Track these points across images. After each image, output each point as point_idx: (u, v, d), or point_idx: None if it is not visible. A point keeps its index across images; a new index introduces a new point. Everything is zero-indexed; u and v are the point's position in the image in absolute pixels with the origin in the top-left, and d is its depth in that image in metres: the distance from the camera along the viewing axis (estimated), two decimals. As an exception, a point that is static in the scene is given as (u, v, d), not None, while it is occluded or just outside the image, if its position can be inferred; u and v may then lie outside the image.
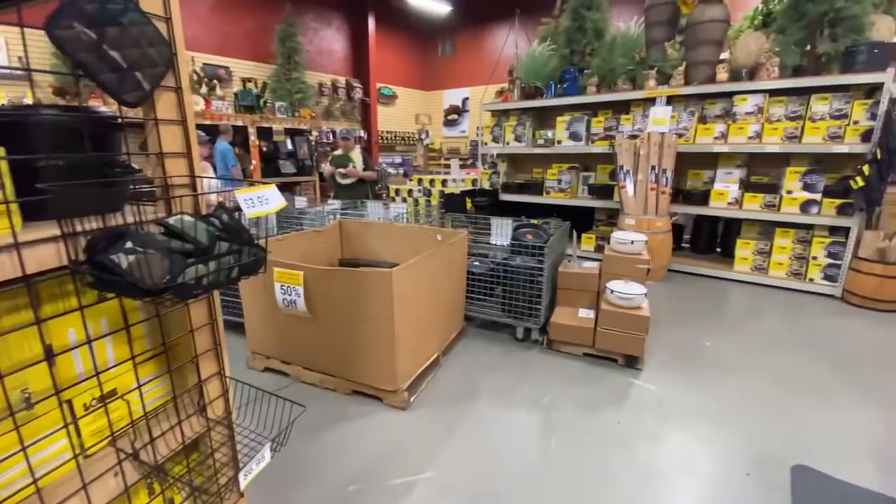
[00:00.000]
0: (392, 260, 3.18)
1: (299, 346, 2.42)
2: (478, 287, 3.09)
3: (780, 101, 4.13)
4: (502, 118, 5.89)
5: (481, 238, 4.21)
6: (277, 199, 0.94)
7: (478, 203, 5.78)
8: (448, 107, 11.48)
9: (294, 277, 2.17)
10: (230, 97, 7.30)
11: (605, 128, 5.00)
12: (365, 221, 3.25)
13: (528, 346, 2.98)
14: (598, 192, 5.18)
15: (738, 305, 3.87)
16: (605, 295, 2.76)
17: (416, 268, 2.22)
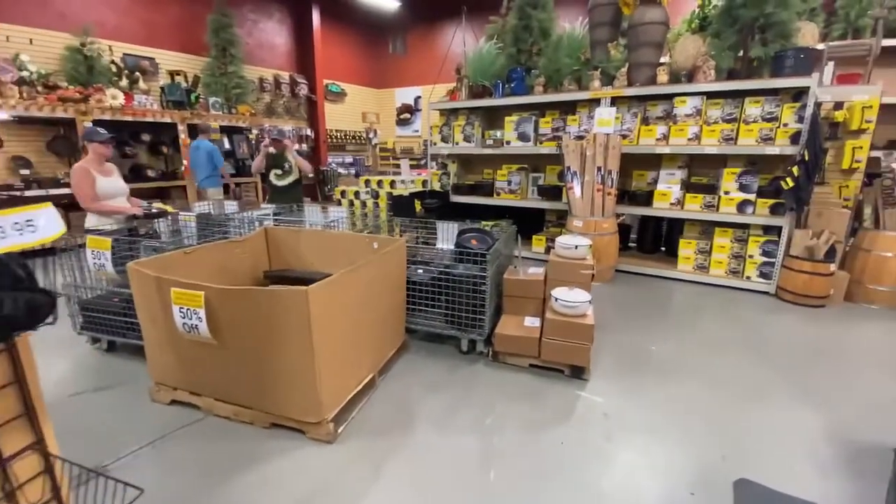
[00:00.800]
0: (326, 270, 2.92)
1: (208, 375, 2.11)
2: (421, 297, 2.88)
3: (717, 103, 4.21)
4: (451, 117, 5.72)
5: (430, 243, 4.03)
6: (52, 224, 0.68)
7: (427, 206, 5.59)
8: (400, 105, 11.21)
9: (193, 299, 1.88)
10: (156, 91, 6.68)
11: (553, 128, 4.94)
12: (294, 229, 2.96)
13: (473, 358, 2.81)
14: (548, 194, 5.12)
15: (681, 305, 3.90)
16: (550, 303, 2.64)
17: (339, 283, 1.98)
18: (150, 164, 6.75)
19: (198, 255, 2.46)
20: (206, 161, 6.06)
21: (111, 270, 2.55)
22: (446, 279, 2.76)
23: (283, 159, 4.99)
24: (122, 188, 3.24)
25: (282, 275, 2.79)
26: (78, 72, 5.74)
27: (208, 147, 6.09)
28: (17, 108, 5.00)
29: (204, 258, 2.50)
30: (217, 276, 2.58)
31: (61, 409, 2.32)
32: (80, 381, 2.58)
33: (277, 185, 5.02)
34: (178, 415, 2.24)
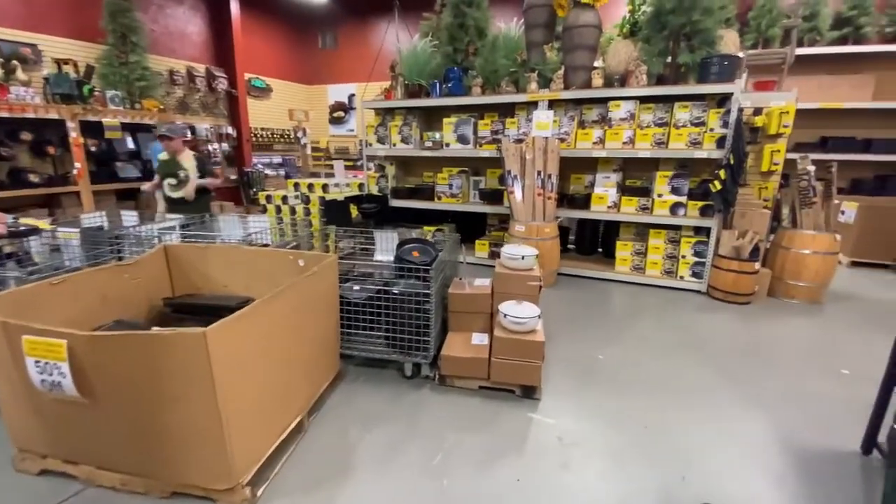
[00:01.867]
0: (242, 293, 2.52)
1: (84, 439, 1.68)
2: (358, 318, 2.57)
3: (649, 107, 4.29)
4: (387, 117, 5.42)
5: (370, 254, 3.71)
6: None
7: (365, 211, 5.24)
8: (333, 103, 10.65)
9: (53, 349, 1.45)
10: (39, 82, 5.70)
11: (493, 131, 4.81)
12: (200, 245, 2.53)
13: (418, 384, 2.56)
14: (489, 198, 4.99)
15: (622, 307, 3.92)
16: (498, 318, 2.45)
17: (251, 317, 1.64)
18: (34, 168, 5.76)
19: (71, 284, 1.98)
20: None
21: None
22: (386, 298, 2.48)
23: (176, 165, 4.15)
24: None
25: (186, 302, 2.35)
26: (-73, 56, 4.71)
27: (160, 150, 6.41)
28: None
29: (80, 288, 2.02)
30: (99, 309, 2.11)
31: None
32: None
33: (172, 196, 4.21)
34: (51, 487, 1.77)
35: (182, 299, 2.39)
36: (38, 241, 2.88)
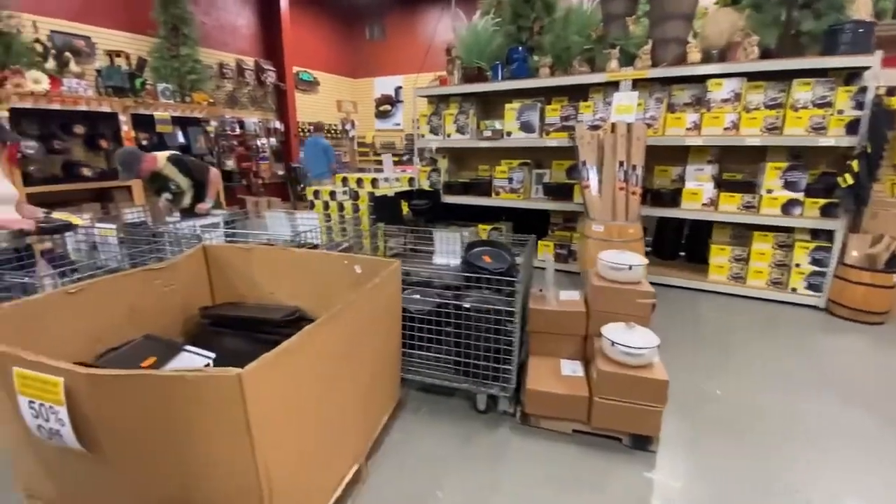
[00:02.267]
0: (290, 302, 2.14)
1: (92, 497, 1.32)
2: (419, 334, 2.14)
3: (759, 86, 3.59)
4: (441, 106, 4.97)
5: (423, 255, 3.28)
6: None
7: (416, 207, 4.83)
8: (380, 96, 10.36)
9: (49, 388, 1.09)
10: (91, 75, 5.68)
11: (562, 117, 4.25)
12: (243, 246, 2.16)
13: (494, 420, 2.08)
14: (555, 193, 4.44)
15: (725, 326, 3.27)
16: (601, 345, 1.94)
17: (298, 350, 1.22)
18: (87, 162, 5.75)
19: (91, 293, 1.65)
20: (321, 156, 7.05)
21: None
22: (455, 311, 2.02)
23: (164, 179, 3.52)
24: (6, 193, 2.37)
25: (226, 314, 1.99)
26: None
27: (324, 144, 7.15)
28: None
29: (103, 297, 1.69)
30: (126, 322, 1.78)
31: None
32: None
33: (182, 209, 3.60)
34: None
35: (221, 310, 2.04)
36: (74, 238, 2.63)
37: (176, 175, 3.48)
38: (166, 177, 3.49)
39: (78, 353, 1.62)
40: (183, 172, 3.51)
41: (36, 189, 4.97)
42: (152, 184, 3.58)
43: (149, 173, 3.43)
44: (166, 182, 3.51)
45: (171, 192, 3.55)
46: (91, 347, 1.68)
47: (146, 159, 3.36)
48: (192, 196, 3.57)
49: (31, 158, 5.06)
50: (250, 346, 1.94)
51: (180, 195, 3.58)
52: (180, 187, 3.54)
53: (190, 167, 3.54)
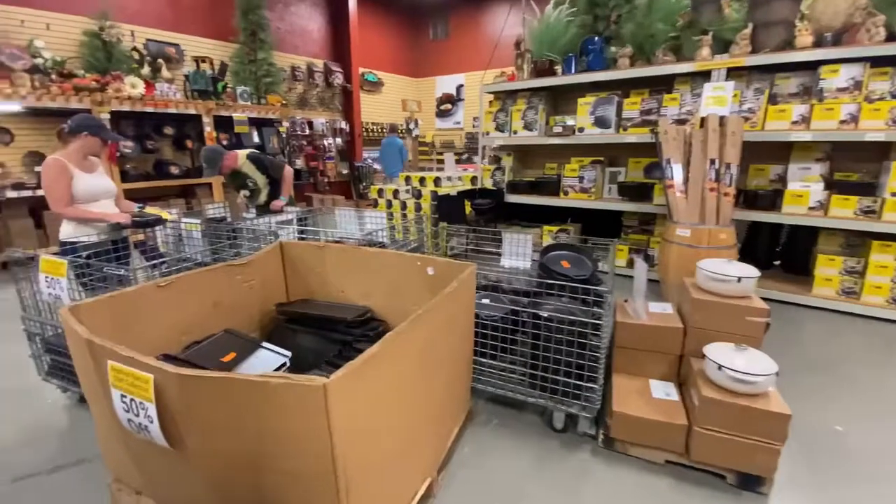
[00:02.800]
0: (360, 301, 2.11)
1: (176, 490, 1.33)
2: (489, 342, 2.01)
3: (884, 72, 3.09)
4: (508, 102, 4.81)
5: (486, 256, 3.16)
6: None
7: (478, 207, 4.71)
8: (441, 95, 10.36)
9: (140, 384, 1.09)
10: (180, 80, 6.12)
11: (643, 111, 3.93)
12: (317, 244, 2.15)
13: (572, 441, 1.91)
14: (631, 193, 4.13)
15: (839, 350, 2.84)
16: (704, 368, 1.71)
17: (382, 359, 1.14)
18: (175, 160, 6.22)
19: (179, 286, 1.69)
20: (396, 155, 7.58)
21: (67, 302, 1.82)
22: (531, 320, 1.87)
23: (243, 177, 3.66)
24: (107, 188, 2.54)
25: (300, 311, 1.99)
26: (96, 58, 5.21)
27: (399, 143, 7.62)
28: (27, 99, 4.49)
29: (189, 291, 1.73)
30: (210, 315, 1.82)
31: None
32: (34, 454, 1.88)
33: (258, 206, 3.76)
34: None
35: (296, 307, 2.04)
36: (163, 232, 2.78)
37: (254, 172, 3.61)
38: (245, 174, 3.62)
39: (166, 344, 1.67)
40: (260, 170, 3.63)
41: (131, 185, 5.43)
42: (232, 181, 3.73)
43: (229, 170, 3.58)
44: (245, 179, 3.65)
45: (248, 189, 3.68)
46: (178, 339, 1.73)
47: (228, 157, 3.52)
48: (268, 193, 3.70)
49: (128, 157, 5.54)
50: (321, 344, 1.92)
51: (257, 192, 3.71)
52: (257, 184, 3.66)
53: (266, 165, 3.66)
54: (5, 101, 4.36)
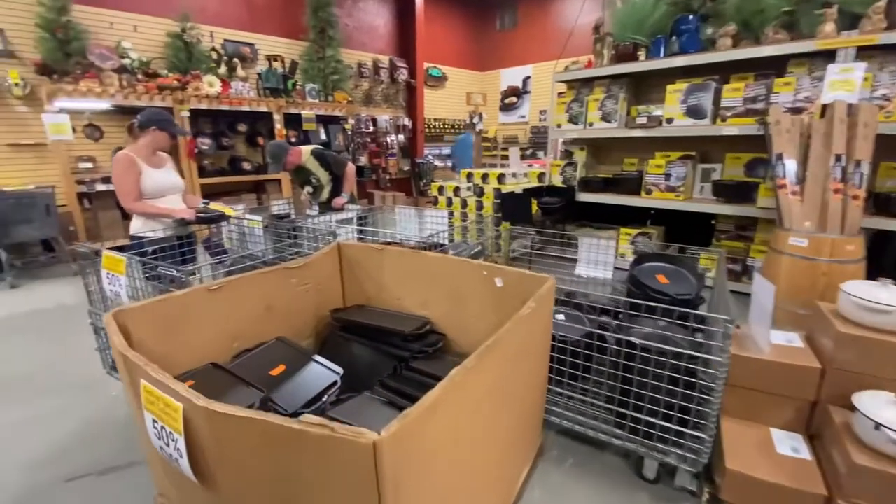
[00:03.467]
0: (417, 310, 1.91)
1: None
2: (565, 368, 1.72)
3: None
4: (583, 91, 4.40)
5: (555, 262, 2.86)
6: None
7: (546, 206, 4.37)
8: (506, 88, 9.98)
9: (170, 412, 0.95)
10: (253, 78, 6.32)
11: (747, 98, 3.38)
12: (376, 246, 1.98)
13: (668, 497, 1.58)
14: (728, 193, 3.59)
15: None
16: (854, 423, 1.31)
17: (443, 407, 0.91)
18: (247, 157, 6.45)
19: (232, 290, 1.58)
20: (469, 151, 8.14)
21: (126, 301, 1.79)
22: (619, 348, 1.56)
23: (306, 172, 3.62)
24: (175, 184, 2.56)
25: (355, 320, 1.82)
26: (178, 58, 5.50)
27: (472, 140, 8.28)
28: (115, 98, 4.80)
29: (242, 295, 1.62)
30: (262, 320, 1.70)
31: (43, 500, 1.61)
32: (90, 453, 1.88)
33: (320, 202, 3.73)
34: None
35: (351, 315, 1.88)
36: (227, 228, 2.77)
37: (317, 169, 3.57)
38: (308, 170, 3.58)
39: (216, 351, 1.57)
40: (323, 166, 3.58)
41: (208, 180, 5.68)
42: (297, 176, 3.71)
43: (294, 166, 3.55)
44: (308, 175, 3.61)
45: (311, 186, 3.64)
46: (229, 346, 1.63)
47: (292, 153, 3.49)
48: (330, 190, 3.63)
49: (205, 153, 5.80)
50: (376, 357, 1.75)
51: (320, 188, 3.66)
52: (320, 181, 3.61)
53: (329, 161, 3.60)
54: (96, 99, 4.69)
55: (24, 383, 2.44)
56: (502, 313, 1.72)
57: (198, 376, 1.42)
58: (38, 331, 3.19)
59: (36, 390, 2.36)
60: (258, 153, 6.71)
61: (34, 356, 2.78)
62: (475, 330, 1.78)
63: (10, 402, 2.26)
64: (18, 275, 4.32)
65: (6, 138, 4.73)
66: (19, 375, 2.53)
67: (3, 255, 4.15)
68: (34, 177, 4.87)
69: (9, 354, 2.82)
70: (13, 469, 1.78)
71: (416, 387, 1.47)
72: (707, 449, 1.45)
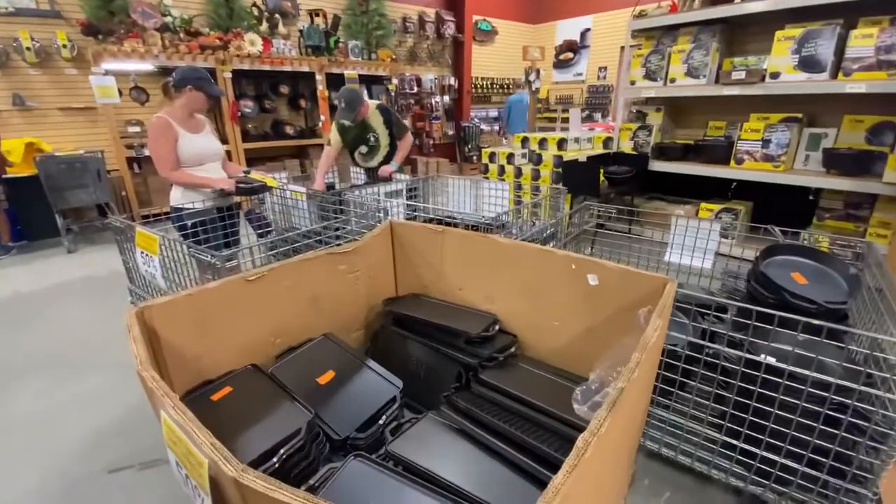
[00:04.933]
0: (482, 304, 1.63)
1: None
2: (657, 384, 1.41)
3: None
4: (664, 41, 3.80)
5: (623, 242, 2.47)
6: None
7: (613, 176, 3.91)
8: (561, 43, 9.14)
9: (194, 464, 0.72)
10: (295, 36, 6.01)
11: (880, 47, 2.73)
12: (435, 227, 1.68)
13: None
14: (843, 164, 3.01)
15: None
16: None
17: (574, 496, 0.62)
18: (290, 121, 6.25)
19: (272, 280, 1.35)
20: (523, 114, 6.96)
21: (162, 284, 1.62)
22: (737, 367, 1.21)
23: (365, 129, 3.23)
24: (214, 150, 2.35)
25: (410, 315, 1.56)
26: (219, 15, 5.26)
27: (528, 101, 6.77)
28: (159, 58, 4.66)
29: (285, 284, 1.39)
30: (307, 312, 1.48)
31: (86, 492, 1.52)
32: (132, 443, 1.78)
33: (368, 167, 3.40)
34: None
35: (407, 309, 1.62)
36: (270, 199, 2.56)
37: (379, 125, 3.24)
38: (370, 127, 3.24)
39: (257, 349, 1.36)
40: (386, 124, 3.26)
41: (251, 145, 5.54)
42: (354, 134, 3.29)
43: (363, 117, 3.18)
44: (368, 133, 3.26)
45: (367, 146, 3.30)
46: (270, 342, 1.42)
47: (365, 103, 3.15)
48: (386, 154, 3.33)
49: (248, 117, 5.64)
50: (436, 360, 1.50)
51: (375, 150, 3.31)
52: (379, 141, 3.27)
53: (392, 121, 3.28)
54: (140, 60, 4.56)
55: (73, 356, 2.41)
56: (591, 318, 1.41)
57: (237, 382, 1.22)
58: (89, 298, 3.19)
59: (82, 366, 2.32)
60: (301, 116, 6.50)
61: (83, 327, 2.76)
62: (552, 335, 1.49)
63: (57, 378, 2.22)
64: (75, 240, 4.40)
65: (57, 102, 4.73)
66: (68, 347, 2.51)
67: (60, 220, 4.21)
68: (84, 141, 4.89)
69: (60, 323, 2.82)
70: (57, 456, 1.72)
71: (489, 408, 1.21)
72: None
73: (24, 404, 2.03)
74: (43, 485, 1.58)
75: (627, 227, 2.94)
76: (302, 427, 1.01)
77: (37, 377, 2.23)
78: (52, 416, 1.94)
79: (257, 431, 1.03)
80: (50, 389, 2.14)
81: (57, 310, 3.01)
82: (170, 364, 1.15)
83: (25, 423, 1.91)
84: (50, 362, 2.36)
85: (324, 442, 1.07)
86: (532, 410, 1.17)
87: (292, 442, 0.97)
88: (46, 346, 2.53)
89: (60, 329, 2.75)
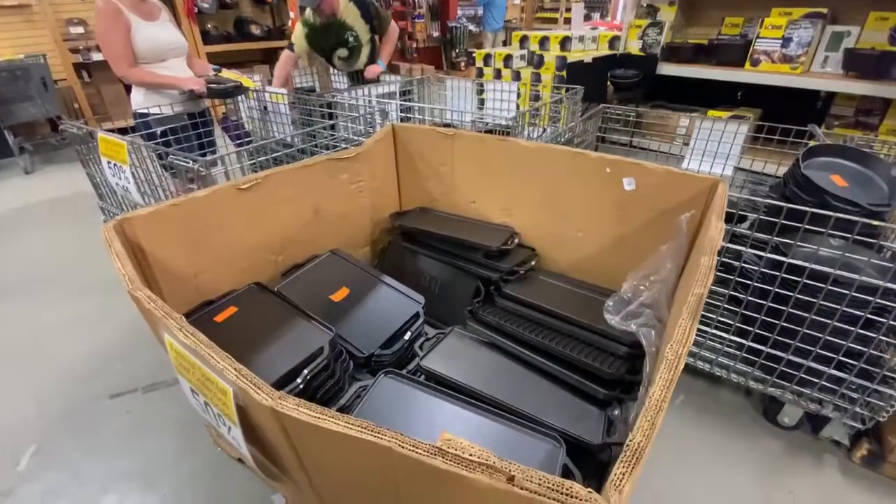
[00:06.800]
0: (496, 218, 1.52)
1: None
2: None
3: None
4: (685, -83, 3.31)
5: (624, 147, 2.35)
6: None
7: (619, 80, 3.63)
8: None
9: (213, 389, 0.62)
10: None
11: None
12: (447, 132, 1.49)
13: (807, 447, 1.32)
14: (864, 66, 2.81)
15: None
16: None
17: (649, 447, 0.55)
18: (255, 18, 5.52)
19: (268, 188, 1.19)
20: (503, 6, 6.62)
21: (138, 199, 1.43)
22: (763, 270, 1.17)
23: (343, 27, 2.75)
24: (175, 42, 2.00)
25: (426, 230, 1.43)
26: None
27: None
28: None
29: (282, 193, 1.23)
30: (309, 228, 1.35)
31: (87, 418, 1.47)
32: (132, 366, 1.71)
33: (352, 71, 2.96)
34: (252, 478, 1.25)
35: (418, 223, 1.49)
36: (245, 104, 2.27)
37: (356, 20, 2.77)
38: (345, 25, 2.77)
39: (257, 268, 1.24)
40: (364, 18, 2.79)
41: (212, 48, 4.92)
42: (324, 37, 2.84)
43: (333, 11, 2.69)
44: (344, 32, 2.80)
45: (346, 48, 2.84)
46: (272, 261, 1.29)
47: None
48: (368, 54, 2.90)
49: (206, 14, 4.94)
50: (451, 275, 1.40)
51: (356, 50, 2.86)
52: (358, 39, 2.82)
53: (372, 14, 2.81)
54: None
55: (60, 280, 2.26)
56: (621, 227, 1.30)
57: (241, 301, 1.11)
58: (60, 222, 2.95)
59: (73, 289, 2.18)
60: (266, 13, 5.74)
61: (64, 250, 2.56)
62: (574, 248, 1.40)
63: (47, 302, 2.08)
64: (31, 160, 3.99)
65: (-20, -4, 4.00)
66: (52, 271, 2.34)
67: (11, 139, 3.77)
68: (23, 46, 4.23)
69: (36, 249, 2.61)
70: (58, 383, 1.64)
71: (517, 321, 1.14)
72: (892, 408, 1.13)
73: (7, 328, 1.91)
74: (41, 413, 1.52)
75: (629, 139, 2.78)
76: (325, 345, 0.92)
77: (15, 301, 2.09)
78: (40, 341, 1.84)
79: (273, 353, 0.94)
80: (37, 312, 2.01)
81: (26, 234, 2.78)
82: (162, 283, 1.02)
83: (12, 348, 1.81)
84: (27, 286, 2.21)
85: (347, 360, 1.00)
86: (563, 322, 1.11)
87: (316, 361, 0.89)
88: (21, 269, 2.35)
89: (35, 251, 2.56)
